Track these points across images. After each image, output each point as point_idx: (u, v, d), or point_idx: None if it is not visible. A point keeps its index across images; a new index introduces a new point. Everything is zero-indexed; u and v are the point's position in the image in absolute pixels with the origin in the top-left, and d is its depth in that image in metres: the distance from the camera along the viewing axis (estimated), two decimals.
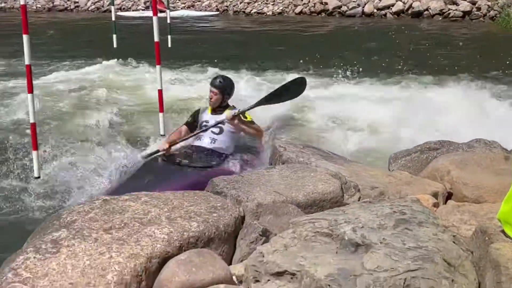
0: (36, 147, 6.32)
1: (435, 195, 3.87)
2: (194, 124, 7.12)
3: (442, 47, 15.93)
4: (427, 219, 3.11)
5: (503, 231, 2.79)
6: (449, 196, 3.93)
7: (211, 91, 6.89)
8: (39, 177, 6.55)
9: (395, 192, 3.87)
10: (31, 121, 6.30)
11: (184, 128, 7.18)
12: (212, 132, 6.76)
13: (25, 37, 5.77)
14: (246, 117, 6.89)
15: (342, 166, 4.40)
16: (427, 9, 20.93)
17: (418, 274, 2.57)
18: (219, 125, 6.76)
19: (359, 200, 3.80)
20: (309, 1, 22.75)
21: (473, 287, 2.69)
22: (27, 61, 5.96)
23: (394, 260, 2.66)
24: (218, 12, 24.79)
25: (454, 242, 2.90)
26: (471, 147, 4.74)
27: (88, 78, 13.19)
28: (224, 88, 6.95)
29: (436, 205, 3.73)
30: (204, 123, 6.93)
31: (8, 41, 16.04)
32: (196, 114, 7.23)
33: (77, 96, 11.73)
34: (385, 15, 21.55)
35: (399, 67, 12.78)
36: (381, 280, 2.53)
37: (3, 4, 29.34)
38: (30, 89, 6.09)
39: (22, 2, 5.87)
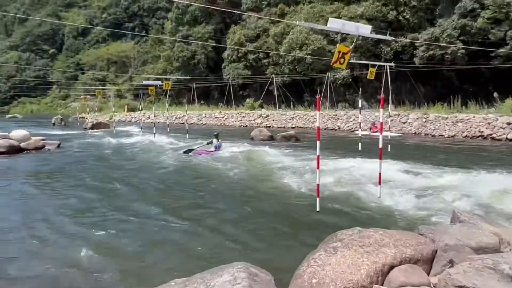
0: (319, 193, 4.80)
1: None
2: None
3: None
4: None
5: None
6: None
7: None
8: (318, 211, 4.94)
9: None
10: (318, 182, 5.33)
11: None
12: None
13: (317, 142, 4.76)
14: None
15: (497, 227, 3.42)
16: None
17: None
18: None
19: (510, 251, 2.91)
20: (314, 125, 18.95)
21: None
22: (318, 152, 4.88)
23: None
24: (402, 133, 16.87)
25: None
26: None
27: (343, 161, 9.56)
28: None
29: None
30: None
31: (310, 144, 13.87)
32: None
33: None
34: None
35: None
36: None
37: (306, 126, 22.32)
38: (318, 167, 4.69)
39: (317, 125, 4.88)
